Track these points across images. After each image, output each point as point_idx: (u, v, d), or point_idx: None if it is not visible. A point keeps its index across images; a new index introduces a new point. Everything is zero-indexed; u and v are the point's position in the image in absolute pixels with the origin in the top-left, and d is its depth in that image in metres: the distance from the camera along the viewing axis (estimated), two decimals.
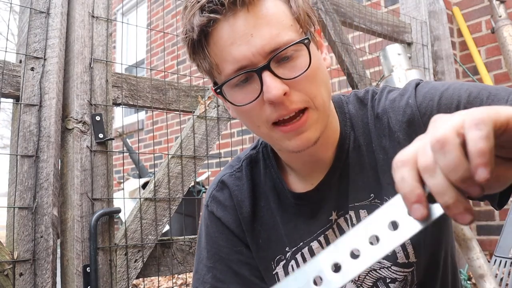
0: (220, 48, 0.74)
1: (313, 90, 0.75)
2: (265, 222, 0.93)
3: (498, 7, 2.70)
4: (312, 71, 0.75)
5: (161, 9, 5.67)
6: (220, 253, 0.94)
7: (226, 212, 0.95)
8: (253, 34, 0.72)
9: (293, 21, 0.75)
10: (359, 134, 0.87)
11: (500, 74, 2.84)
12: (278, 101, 0.72)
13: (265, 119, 0.76)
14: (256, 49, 0.72)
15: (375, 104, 0.86)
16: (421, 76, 2.45)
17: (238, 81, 0.75)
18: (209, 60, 0.76)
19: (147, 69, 5.76)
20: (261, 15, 0.72)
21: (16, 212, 1.29)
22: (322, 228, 0.89)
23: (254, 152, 0.98)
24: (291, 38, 0.73)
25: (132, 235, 1.51)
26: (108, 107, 1.50)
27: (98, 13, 1.52)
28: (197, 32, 0.74)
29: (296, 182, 0.91)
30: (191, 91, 1.77)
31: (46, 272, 1.30)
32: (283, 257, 0.92)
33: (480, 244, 2.39)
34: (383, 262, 0.86)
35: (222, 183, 0.98)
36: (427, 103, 0.79)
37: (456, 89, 0.77)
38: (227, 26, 0.72)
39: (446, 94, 0.78)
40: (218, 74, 0.77)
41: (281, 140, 0.78)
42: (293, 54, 0.74)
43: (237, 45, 0.72)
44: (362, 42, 2.83)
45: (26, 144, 1.34)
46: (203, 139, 1.72)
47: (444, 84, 0.80)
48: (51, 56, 1.41)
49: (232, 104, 0.77)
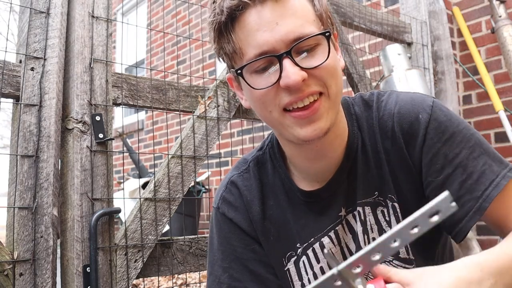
0: (245, 33, 0.77)
1: (328, 79, 0.79)
2: (275, 220, 0.96)
3: (498, 7, 2.70)
4: (329, 63, 0.78)
5: (161, 9, 5.67)
6: (234, 253, 0.96)
7: (237, 212, 0.98)
8: (278, 23, 0.76)
9: (316, 17, 0.80)
10: (365, 135, 0.90)
11: (500, 74, 2.84)
12: (296, 87, 0.76)
13: (278, 103, 0.79)
14: (280, 36, 0.75)
15: (381, 107, 0.89)
16: (421, 76, 2.45)
17: (258, 67, 0.78)
18: (233, 44, 0.79)
19: (147, 69, 5.76)
20: (287, 7, 0.76)
21: (16, 212, 1.29)
22: (332, 224, 0.92)
23: (260, 153, 1.01)
24: (312, 31, 0.77)
25: (132, 235, 1.51)
26: (108, 107, 1.49)
27: (98, 13, 1.52)
28: (226, 14, 0.77)
29: (301, 181, 0.94)
30: (191, 91, 1.77)
31: (46, 272, 1.30)
32: (294, 253, 0.95)
33: (480, 244, 2.38)
34: None
35: (231, 184, 1.00)
36: (437, 133, 0.83)
37: (465, 137, 0.83)
38: (254, 13, 0.76)
39: (455, 136, 0.83)
40: (240, 59, 0.80)
41: (292, 128, 0.80)
42: (313, 46, 0.78)
43: (262, 31, 0.76)
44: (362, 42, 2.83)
45: (26, 144, 1.34)
46: (203, 139, 1.72)
47: (458, 124, 0.84)
48: (51, 56, 1.41)
49: (250, 87, 0.80)
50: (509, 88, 2.77)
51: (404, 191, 0.87)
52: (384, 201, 0.88)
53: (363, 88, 2.38)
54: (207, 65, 4.91)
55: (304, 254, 0.93)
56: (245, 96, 0.87)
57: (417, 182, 0.86)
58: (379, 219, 0.89)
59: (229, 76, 0.90)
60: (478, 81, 2.89)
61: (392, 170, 0.87)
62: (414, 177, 0.86)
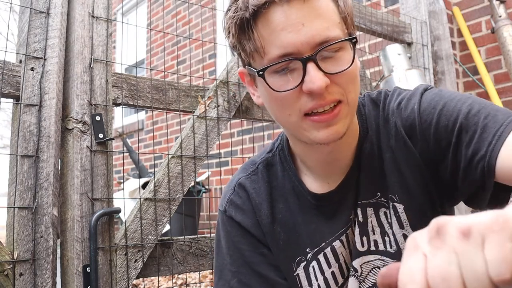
0: (268, 31, 0.75)
1: (349, 86, 0.77)
2: (284, 224, 0.94)
3: (498, 7, 2.70)
4: (352, 69, 0.77)
5: (161, 9, 5.67)
6: (243, 257, 0.94)
7: (245, 215, 0.95)
8: (304, 24, 0.73)
9: (340, 20, 0.78)
10: (372, 134, 0.89)
11: (500, 74, 2.84)
12: (319, 93, 0.74)
13: (299, 108, 0.77)
14: (306, 38, 0.73)
15: (386, 106, 0.89)
16: (421, 76, 2.45)
17: (279, 67, 0.76)
18: (254, 42, 0.77)
19: (147, 69, 5.76)
20: (314, 7, 0.74)
21: (16, 212, 1.29)
22: (344, 228, 0.90)
23: (270, 155, 0.98)
24: (338, 35, 0.75)
25: (132, 235, 1.51)
26: (108, 107, 1.49)
27: (98, 13, 1.52)
28: (251, 11, 0.74)
29: (312, 182, 0.92)
30: (191, 91, 1.77)
31: (46, 272, 1.30)
32: (304, 258, 0.92)
33: None
34: (386, 260, 0.87)
35: (239, 186, 0.98)
36: (429, 110, 0.81)
37: (459, 101, 0.79)
38: (280, 11, 0.74)
39: (448, 105, 0.79)
40: (260, 57, 0.77)
41: (309, 131, 0.79)
42: (338, 50, 0.76)
43: (287, 31, 0.74)
44: (362, 42, 2.83)
45: (26, 144, 1.34)
46: (203, 139, 1.72)
47: (451, 94, 0.81)
48: (51, 56, 1.41)
49: (271, 89, 0.77)
50: (509, 88, 2.77)
51: (411, 187, 0.85)
52: (386, 202, 0.87)
53: (363, 88, 2.38)
54: (207, 65, 4.91)
55: (314, 259, 0.92)
56: (260, 94, 0.85)
57: (425, 177, 0.83)
58: (382, 221, 0.88)
59: (241, 70, 0.88)
60: (478, 81, 2.89)
61: (397, 168, 0.85)
62: (422, 172, 0.83)
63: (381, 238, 0.88)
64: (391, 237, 0.87)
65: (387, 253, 0.87)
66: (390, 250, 0.87)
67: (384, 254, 0.87)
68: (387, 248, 0.87)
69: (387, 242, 0.87)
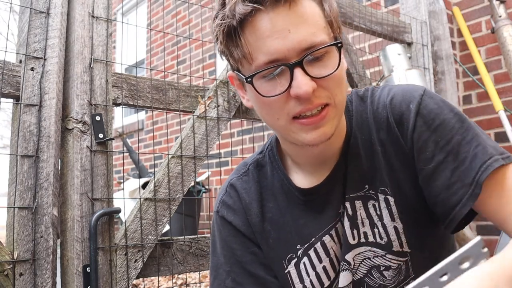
0: (255, 38, 0.76)
1: (336, 89, 0.79)
2: (274, 222, 0.96)
3: (498, 7, 2.70)
4: (338, 72, 0.79)
5: (161, 9, 5.67)
6: (235, 256, 0.96)
7: (236, 215, 0.98)
8: (290, 30, 0.74)
9: (326, 24, 0.79)
10: (360, 128, 0.90)
11: (500, 74, 2.84)
12: (306, 97, 0.76)
13: (287, 112, 0.79)
14: (292, 44, 0.75)
15: (375, 100, 0.90)
16: (421, 76, 2.45)
17: (267, 73, 0.78)
18: (241, 49, 0.78)
19: (147, 69, 5.76)
20: (300, 14, 0.75)
21: (16, 212, 1.29)
22: (333, 222, 0.91)
23: (260, 156, 1.01)
24: (324, 39, 0.77)
25: (132, 235, 1.51)
26: (108, 107, 1.49)
27: (98, 13, 1.52)
28: (238, 19, 0.76)
29: (302, 179, 0.94)
30: (191, 91, 1.77)
31: (46, 272, 1.30)
32: (295, 255, 0.94)
33: None
34: (377, 251, 0.89)
35: (230, 187, 1.01)
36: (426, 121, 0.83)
37: (456, 124, 0.82)
38: (266, 18, 0.75)
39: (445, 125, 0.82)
40: (248, 64, 0.79)
41: (298, 133, 0.81)
42: (324, 54, 0.77)
43: (274, 38, 0.75)
44: (362, 42, 2.83)
45: (26, 144, 1.34)
46: (203, 139, 1.72)
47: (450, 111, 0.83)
48: (51, 56, 1.41)
49: (259, 94, 0.79)
50: (509, 88, 2.77)
51: (401, 181, 0.86)
52: (375, 194, 0.88)
53: (363, 88, 2.38)
54: (207, 65, 4.91)
55: (305, 255, 0.93)
56: (249, 97, 0.87)
57: (414, 172, 0.86)
58: (371, 213, 0.89)
59: (230, 74, 0.90)
60: (478, 81, 2.89)
61: (387, 161, 0.87)
62: (411, 166, 0.85)
63: (370, 230, 0.89)
64: (380, 229, 0.88)
65: (377, 245, 0.89)
66: (381, 242, 0.88)
67: (374, 246, 0.89)
68: (377, 240, 0.88)
69: (376, 234, 0.89)
